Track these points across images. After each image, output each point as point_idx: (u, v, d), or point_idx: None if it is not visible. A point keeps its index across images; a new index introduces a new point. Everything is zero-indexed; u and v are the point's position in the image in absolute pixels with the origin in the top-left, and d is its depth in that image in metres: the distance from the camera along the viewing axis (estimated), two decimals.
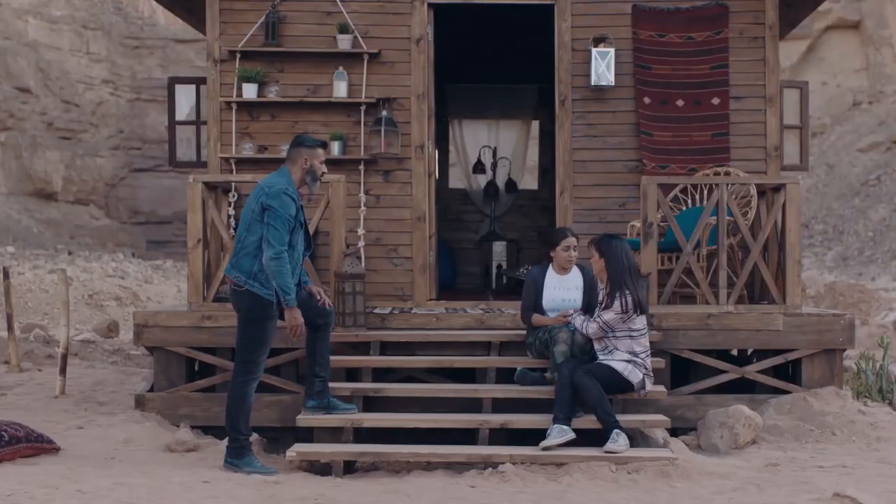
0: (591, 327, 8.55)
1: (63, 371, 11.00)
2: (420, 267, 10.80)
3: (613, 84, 10.70)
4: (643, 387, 8.63)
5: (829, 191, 45.35)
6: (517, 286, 13.12)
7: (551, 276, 9.11)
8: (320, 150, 8.23)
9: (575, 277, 9.10)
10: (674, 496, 7.24)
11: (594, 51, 10.65)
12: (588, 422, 8.45)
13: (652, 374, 8.74)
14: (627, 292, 8.48)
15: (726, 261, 9.96)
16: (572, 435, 8.22)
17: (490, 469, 7.82)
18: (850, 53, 52.48)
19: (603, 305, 8.60)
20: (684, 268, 10.00)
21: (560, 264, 9.08)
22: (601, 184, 10.84)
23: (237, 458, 7.93)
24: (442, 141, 15.32)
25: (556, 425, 8.25)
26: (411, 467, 8.25)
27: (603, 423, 8.24)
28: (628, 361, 8.54)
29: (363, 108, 10.84)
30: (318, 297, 8.31)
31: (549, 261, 9.18)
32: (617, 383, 8.51)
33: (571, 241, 9.04)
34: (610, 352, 8.57)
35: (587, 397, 8.30)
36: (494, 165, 15.53)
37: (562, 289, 9.07)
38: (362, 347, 9.55)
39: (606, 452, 8.02)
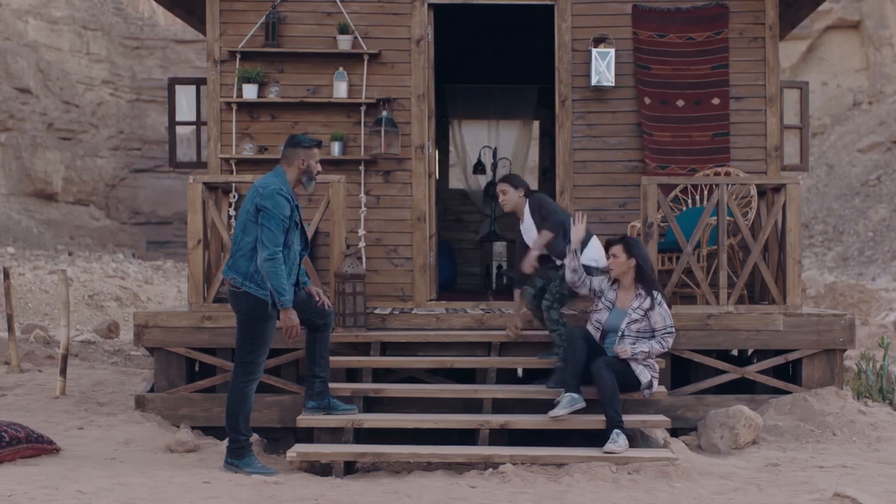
0: (667, 342, 8.63)
1: (63, 372, 11.00)
2: (420, 267, 10.80)
3: (613, 84, 10.71)
4: (650, 387, 8.64)
5: (830, 191, 45.34)
6: None
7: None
8: (316, 150, 8.24)
9: (528, 214, 9.29)
10: (674, 496, 7.24)
11: (594, 51, 10.66)
12: (588, 422, 8.47)
13: (658, 375, 8.76)
14: (659, 292, 8.67)
15: (726, 261, 9.96)
16: (583, 403, 8.35)
17: (490, 469, 7.82)
18: (850, 53, 52.47)
19: (643, 311, 8.61)
20: (684, 268, 10.00)
21: None
22: (601, 184, 10.85)
23: (237, 458, 7.93)
24: (442, 141, 15.32)
25: (567, 393, 8.29)
26: (411, 468, 8.25)
27: (608, 421, 8.24)
28: (642, 361, 8.56)
29: (363, 108, 10.84)
30: (318, 298, 8.32)
31: None
32: (627, 381, 8.51)
33: (499, 187, 9.34)
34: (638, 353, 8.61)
35: (601, 390, 8.30)
36: (495, 166, 15.53)
37: (529, 228, 9.31)
38: (362, 348, 9.56)
39: (606, 453, 8.02)
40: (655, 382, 8.69)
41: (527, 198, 9.29)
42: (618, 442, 8.09)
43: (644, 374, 8.59)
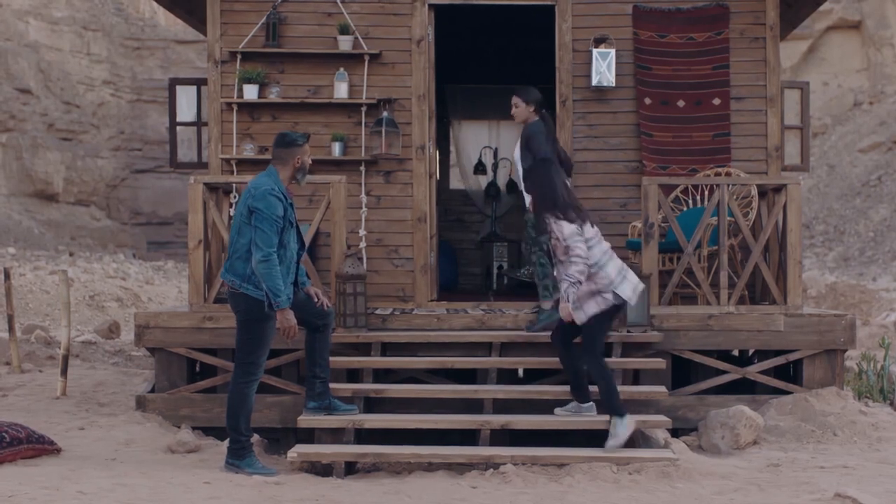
0: (574, 270, 8.12)
1: (64, 372, 11.00)
2: (421, 268, 10.80)
3: (614, 85, 10.70)
4: (605, 294, 8.28)
5: (830, 191, 45.33)
6: (518, 287, 13.12)
7: None
8: (307, 145, 8.23)
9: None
10: (675, 497, 7.24)
11: (595, 51, 10.65)
12: (590, 422, 8.48)
13: (621, 273, 8.37)
14: (557, 210, 8.30)
15: (727, 261, 9.95)
16: (593, 412, 8.56)
17: (491, 470, 7.82)
18: (851, 53, 52.45)
19: (551, 238, 8.38)
20: (685, 268, 10.00)
21: None
22: (602, 184, 10.84)
23: (238, 458, 7.93)
24: (443, 142, 15.32)
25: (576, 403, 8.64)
26: (412, 468, 8.25)
27: (610, 419, 8.22)
28: (596, 292, 8.29)
29: (364, 108, 10.84)
30: (317, 299, 8.31)
31: None
32: (610, 315, 8.36)
33: (512, 99, 9.68)
34: (582, 302, 8.30)
35: (598, 391, 8.30)
36: (495, 166, 15.53)
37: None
38: (363, 348, 9.55)
39: (607, 452, 8.01)
40: (619, 283, 8.26)
41: (537, 115, 9.62)
42: (617, 435, 8.06)
43: (621, 288, 8.28)
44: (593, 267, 8.27)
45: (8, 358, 12.86)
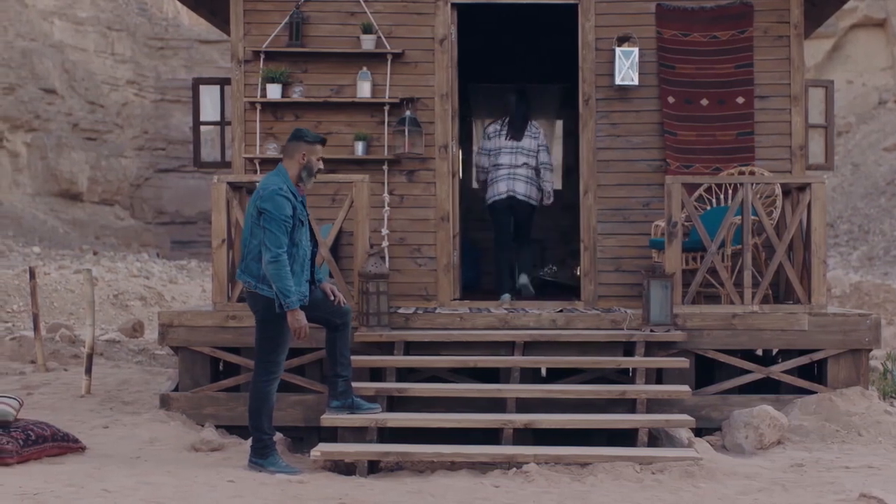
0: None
1: (88, 371, 11.05)
2: (444, 267, 10.80)
3: (637, 83, 10.67)
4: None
5: (855, 190, 45.09)
6: (541, 286, 13.10)
7: None
8: (319, 147, 8.14)
9: None
10: (698, 496, 7.22)
11: (618, 50, 10.63)
12: (612, 421, 8.46)
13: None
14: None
15: (751, 260, 9.91)
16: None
17: (514, 469, 7.81)
18: (876, 52, 52.15)
19: None
20: (709, 267, 9.96)
21: None
22: (625, 183, 10.82)
23: (261, 457, 7.95)
24: (465, 141, 15.30)
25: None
26: (435, 467, 8.25)
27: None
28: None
29: (387, 108, 10.85)
30: (333, 296, 8.30)
31: None
32: (495, 210, 11.18)
33: None
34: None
35: None
36: None
37: None
38: (386, 347, 9.56)
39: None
40: (490, 187, 11.51)
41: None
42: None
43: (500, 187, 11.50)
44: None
45: (33, 356, 12.93)
